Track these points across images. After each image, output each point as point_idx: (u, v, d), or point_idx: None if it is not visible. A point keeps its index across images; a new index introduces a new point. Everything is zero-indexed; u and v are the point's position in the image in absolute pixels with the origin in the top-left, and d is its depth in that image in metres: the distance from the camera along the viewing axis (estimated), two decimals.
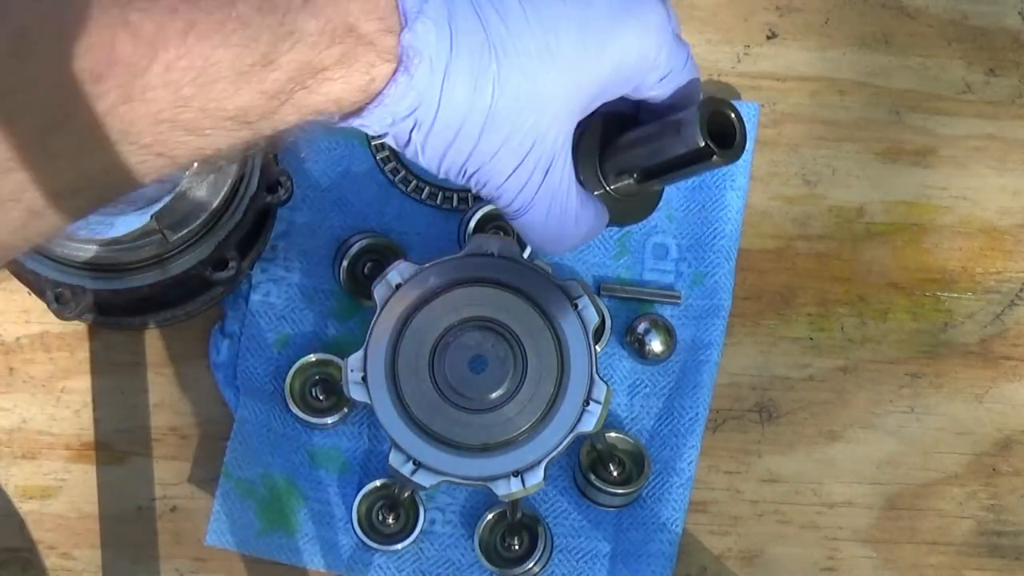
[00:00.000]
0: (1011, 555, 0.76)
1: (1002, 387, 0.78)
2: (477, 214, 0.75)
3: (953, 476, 0.77)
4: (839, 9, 0.82)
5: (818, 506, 0.76)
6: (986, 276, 0.79)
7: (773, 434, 0.77)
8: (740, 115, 0.55)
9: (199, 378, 0.75)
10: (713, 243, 0.77)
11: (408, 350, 0.68)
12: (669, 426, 0.75)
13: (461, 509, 0.74)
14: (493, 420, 0.68)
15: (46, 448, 0.74)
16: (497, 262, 0.69)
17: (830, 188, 0.80)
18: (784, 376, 0.77)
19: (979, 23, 0.82)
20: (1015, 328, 0.79)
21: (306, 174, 0.77)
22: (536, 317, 0.69)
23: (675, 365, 0.76)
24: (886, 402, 0.78)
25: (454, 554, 0.74)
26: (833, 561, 0.76)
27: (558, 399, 0.68)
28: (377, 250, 0.75)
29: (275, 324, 0.75)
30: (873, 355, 0.78)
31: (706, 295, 0.77)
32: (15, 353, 0.75)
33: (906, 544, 0.76)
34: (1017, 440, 0.78)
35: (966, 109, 0.81)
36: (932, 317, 0.79)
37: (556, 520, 0.74)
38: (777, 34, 0.81)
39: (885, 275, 0.79)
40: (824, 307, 0.78)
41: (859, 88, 0.81)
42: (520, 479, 0.67)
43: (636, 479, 0.73)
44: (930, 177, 0.80)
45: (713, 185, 0.78)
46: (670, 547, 0.74)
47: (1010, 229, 0.80)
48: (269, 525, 0.73)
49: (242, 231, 0.71)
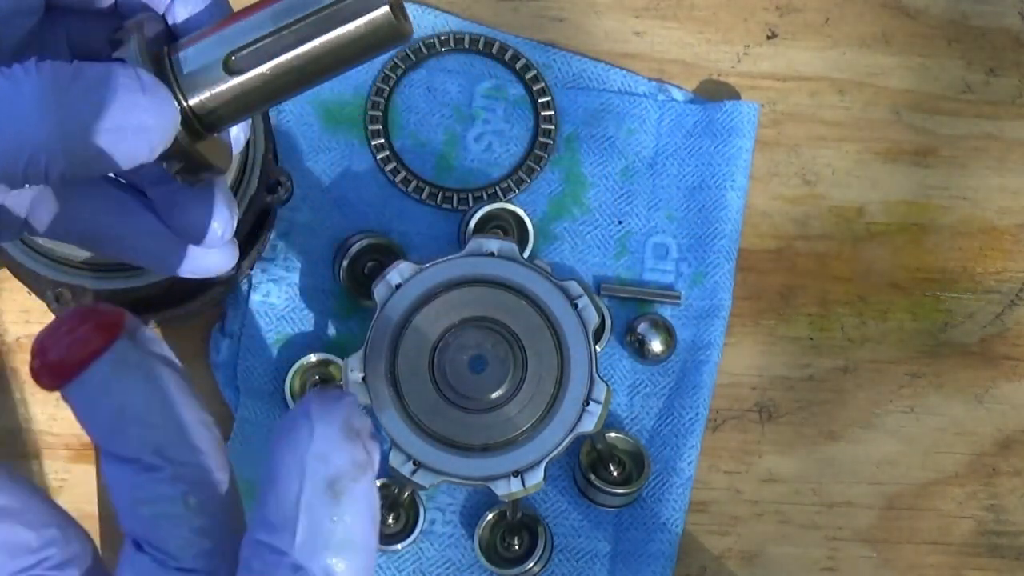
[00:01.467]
0: (1011, 555, 0.76)
1: (1002, 387, 0.78)
2: (477, 214, 0.75)
3: (953, 476, 0.77)
4: (839, 9, 0.82)
5: (818, 506, 0.76)
6: (986, 276, 0.79)
7: (773, 434, 0.77)
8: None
9: (199, 378, 0.75)
10: (713, 243, 0.77)
11: (408, 350, 0.69)
12: (669, 426, 0.75)
13: (461, 509, 0.74)
14: (493, 420, 0.68)
15: (46, 448, 0.74)
16: (497, 262, 0.69)
17: (830, 188, 0.80)
18: (784, 376, 0.77)
19: (979, 23, 0.82)
20: (1015, 328, 0.79)
21: (306, 174, 0.77)
22: (536, 317, 0.69)
23: (675, 365, 0.76)
24: (886, 402, 0.78)
25: (454, 554, 0.74)
26: (833, 561, 0.76)
27: (558, 399, 0.68)
28: (377, 250, 0.75)
29: (275, 324, 0.75)
30: (873, 355, 0.78)
31: (706, 295, 0.77)
32: (15, 353, 0.75)
33: (906, 544, 0.76)
34: (1017, 440, 0.78)
35: (966, 109, 0.81)
36: (932, 317, 0.79)
37: (556, 520, 0.74)
38: (777, 34, 0.81)
39: (885, 275, 0.79)
40: (824, 307, 0.78)
41: (859, 88, 0.81)
42: (520, 479, 0.67)
43: (636, 479, 0.73)
44: (930, 177, 0.80)
45: (713, 185, 0.78)
46: (670, 547, 0.74)
47: (1010, 229, 0.80)
48: None
49: (242, 231, 0.71)
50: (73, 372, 0.39)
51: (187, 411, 0.41)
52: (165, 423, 0.40)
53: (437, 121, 0.78)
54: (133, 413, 0.40)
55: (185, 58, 0.44)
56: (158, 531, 0.40)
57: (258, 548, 0.40)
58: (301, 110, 0.77)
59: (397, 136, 0.78)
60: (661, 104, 0.79)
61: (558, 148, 0.78)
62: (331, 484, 0.39)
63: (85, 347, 0.39)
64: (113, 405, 0.40)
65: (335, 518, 0.39)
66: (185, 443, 0.40)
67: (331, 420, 0.40)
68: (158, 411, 0.40)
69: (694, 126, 0.79)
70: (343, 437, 0.40)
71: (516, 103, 0.79)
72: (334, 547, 0.39)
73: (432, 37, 0.79)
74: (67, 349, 0.39)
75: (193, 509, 0.41)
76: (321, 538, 0.39)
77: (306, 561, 0.39)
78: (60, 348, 0.39)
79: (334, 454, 0.39)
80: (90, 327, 0.39)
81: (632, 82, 0.79)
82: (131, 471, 0.40)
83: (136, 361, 0.40)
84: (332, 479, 0.39)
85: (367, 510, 0.40)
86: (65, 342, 0.39)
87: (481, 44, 0.79)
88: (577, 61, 0.79)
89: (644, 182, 0.78)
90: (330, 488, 0.39)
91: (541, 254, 0.77)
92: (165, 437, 0.40)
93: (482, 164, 0.78)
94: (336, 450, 0.39)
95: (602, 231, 0.78)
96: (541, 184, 0.78)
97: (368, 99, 0.78)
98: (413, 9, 0.79)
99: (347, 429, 0.40)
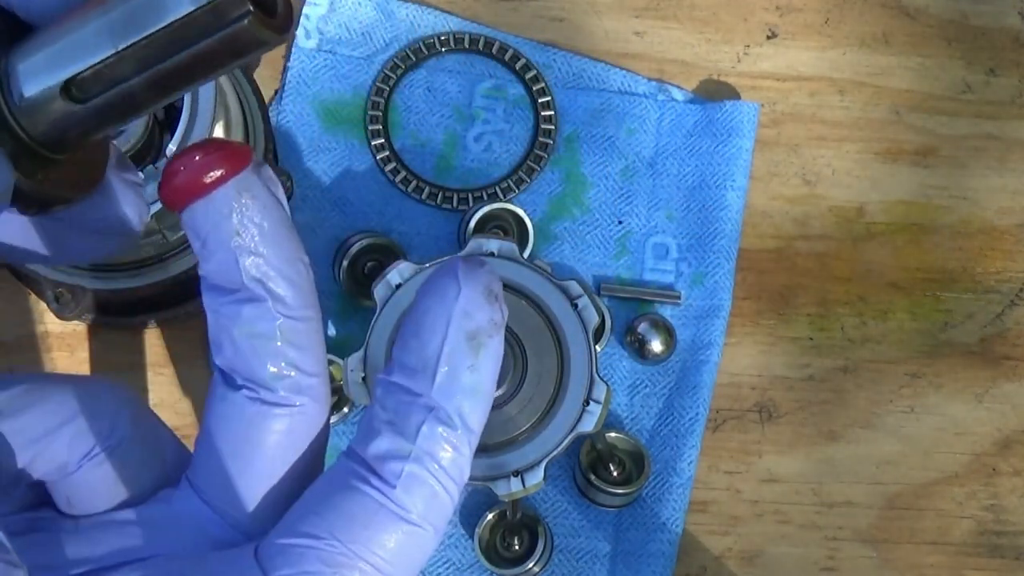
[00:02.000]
0: (1011, 555, 0.76)
1: (1002, 387, 0.78)
2: (477, 214, 0.75)
3: (953, 476, 0.77)
4: (839, 9, 0.82)
5: (818, 506, 0.76)
6: (986, 276, 0.79)
7: (773, 434, 0.77)
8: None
9: (199, 378, 0.75)
10: (713, 243, 0.77)
11: None
12: (669, 426, 0.75)
13: (461, 509, 0.74)
14: (493, 420, 0.68)
15: None
16: (497, 262, 0.69)
17: (830, 188, 0.80)
18: (784, 376, 0.77)
19: (979, 23, 0.82)
20: (1015, 328, 0.79)
21: (306, 174, 0.77)
22: (536, 317, 0.69)
23: (675, 365, 0.76)
24: (886, 402, 0.78)
25: (454, 554, 0.74)
26: (833, 561, 0.76)
27: (558, 399, 0.68)
28: (377, 250, 0.75)
29: None
30: (873, 355, 0.78)
31: (706, 295, 0.77)
32: (15, 353, 0.75)
33: (906, 544, 0.76)
34: (1017, 440, 0.78)
35: (966, 109, 0.81)
36: (932, 317, 0.79)
37: (556, 520, 0.74)
38: (777, 34, 0.81)
39: (885, 275, 0.79)
40: (824, 307, 0.78)
41: (859, 88, 0.81)
42: (520, 479, 0.67)
43: (636, 479, 0.73)
44: (930, 177, 0.80)
45: (713, 185, 0.78)
46: (670, 547, 0.74)
47: (1010, 229, 0.80)
48: None
49: None
50: (200, 192, 0.43)
51: (291, 247, 0.44)
52: (271, 256, 0.44)
53: (437, 121, 0.78)
54: (247, 241, 0.43)
55: (18, 74, 0.37)
56: (253, 360, 0.44)
57: (392, 388, 0.44)
58: (301, 110, 0.77)
59: (397, 136, 0.78)
60: (661, 104, 0.79)
61: (558, 148, 0.78)
62: (472, 337, 0.43)
63: (213, 171, 0.42)
64: (230, 230, 0.43)
65: (471, 366, 0.43)
66: (286, 277, 0.44)
67: (476, 282, 0.44)
68: (269, 242, 0.43)
69: (694, 126, 0.79)
70: (484, 298, 0.44)
71: (516, 103, 0.79)
72: (466, 392, 0.43)
73: (432, 37, 0.79)
74: (197, 171, 0.42)
75: (288, 341, 0.44)
76: (457, 383, 0.43)
77: (443, 401, 0.43)
78: (191, 171, 0.42)
79: (477, 312, 0.44)
80: (221, 155, 0.43)
81: (632, 82, 0.79)
82: (233, 300, 0.44)
83: (257, 193, 0.43)
84: (473, 333, 0.43)
85: (496, 364, 0.44)
86: (196, 166, 0.42)
87: (481, 44, 0.79)
88: (577, 61, 0.79)
89: (644, 182, 0.78)
90: (471, 340, 0.43)
91: (541, 254, 0.77)
92: (270, 269, 0.44)
93: (482, 164, 0.78)
94: (479, 309, 0.44)
95: (602, 231, 0.78)
96: (541, 184, 0.78)
97: (368, 99, 0.78)
98: (413, 9, 0.79)
99: (488, 292, 0.44)
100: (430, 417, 0.43)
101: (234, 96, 0.70)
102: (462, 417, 0.43)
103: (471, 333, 0.43)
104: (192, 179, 0.43)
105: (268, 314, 0.44)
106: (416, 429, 0.43)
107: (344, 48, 0.79)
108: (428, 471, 0.43)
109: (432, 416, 0.43)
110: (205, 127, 0.65)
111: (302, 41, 0.78)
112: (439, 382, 0.43)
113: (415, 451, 0.43)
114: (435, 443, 0.43)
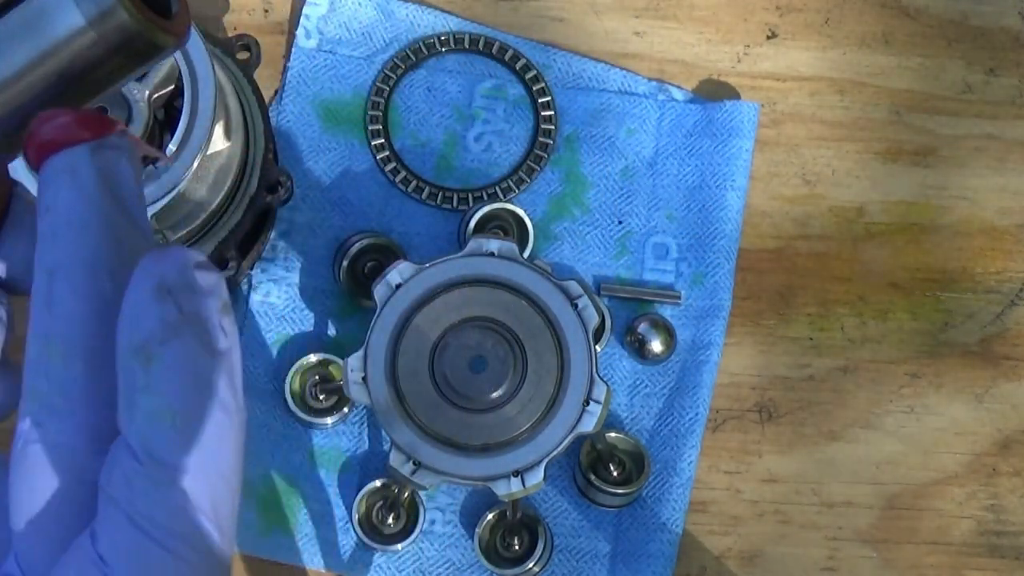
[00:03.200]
0: (1011, 555, 0.76)
1: (1002, 387, 0.78)
2: (477, 214, 0.75)
3: (953, 476, 0.77)
4: (839, 9, 0.82)
5: (818, 506, 0.76)
6: (986, 276, 0.79)
7: (773, 434, 0.77)
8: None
9: None
10: (713, 243, 0.77)
11: (408, 350, 0.69)
12: (669, 426, 0.75)
13: (461, 509, 0.74)
14: (493, 420, 0.68)
15: None
16: (497, 262, 0.69)
17: (830, 188, 0.80)
18: (784, 376, 0.77)
19: (979, 23, 0.82)
20: (1015, 328, 0.79)
21: (306, 174, 0.77)
22: (536, 317, 0.69)
23: (675, 365, 0.76)
24: (886, 402, 0.78)
25: (454, 554, 0.74)
26: (833, 561, 0.76)
27: (558, 399, 0.68)
28: (377, 250, 0.75)
29: (275, 324, 0.75)
30: (873, 355, 0.78)
31: (706, 295, 0.77)
32: (15, 353, 0.75)
33: (906, 544, 0.76)
34: (1017, 440, 0.78)
35: (966, 109, 0.81)
36: (932, 317, 0.79)
37: (556, 520, 0.74)
38: (777, 34, 0.81)
39: (885, 275, 0.79)
40: (824, 307, 0.78)
41: (859, 88, 0.81)
42: (520, 479, 0.67)
43: (636, 479, 0.73)
44: (930, 177, 0.80)
45: (713, 185, 0.78)
46: (670, 547, 0.74)
47: (1010, 229, 0.80)
48: (269, 525, 0.73)
49: (242, 231, 0.71)
50: (54, 148, 0.40)
51: (131, 230, 0.40)
52: (102, 237, 0.39)
53: (437, 121, 0.78)
54: (81, 214, 0.39)
55: None
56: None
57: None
58: (301, 110, 0.77)
59: (397, 136, 0.78)
60: (661, 104, 0.79)
61: (558, 148, 0.78)
62: (140, 349, 0.38)
63: (70, 134, 0.40)
64: (70, 199, 0.39)
65: (144, 387, 0.38)
66: (117, 260, 0.40)
67: (142, 279, 0.39)
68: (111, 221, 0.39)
69: (694, 126, 0.79)
70: (152, 297, 0.38)
71: (516, 103, 0.79)
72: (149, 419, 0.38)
73: (432, 37, 0.79)
74: (54, 132, 0.40)
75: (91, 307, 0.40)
76: (136, 410, 0.38)
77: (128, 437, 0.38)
78: (49, 130, 0.40)
79: (144, 317, 0.38)
80: (78, 120, 0.40)
81: (632, 82, 0.79)
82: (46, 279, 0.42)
83: (110, 166, 0.40)
84: (141, 345, 0.38)
85: (183, 372, 0.38)
86: (54, 126, 0.40)
87: (481, 44, 0.79)
88: (577, 61, 0.79)
89: (644, 182, 0.78)
90: (139, 354, 0.38)
91: (541, 254, 0.77)
92: (100, 251, 0.40)
93: (482, 164, 0.78)
94: (144, 312, 0.38)
95: (602, 231, 0.78)
96: (541, 184, 0.78)
97: (368, 99, 0.78)
98: (413, 9, 0.79)
99: (157, 288, 0.38)
100: (109, 461, 0.37)
101: (234, 96, 0.70)
102: (149, 450, 0.37)
103: (138, 346, 0.37)
104: (50, 138, 0.40)
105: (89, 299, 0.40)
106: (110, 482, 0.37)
107: (344, 48, 0.79)
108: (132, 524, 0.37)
109: (114, 458, 0.37)
110: (205, 127, 0.65)
111: (302, 41, 0.78)
112: (120, 415, 0.37)
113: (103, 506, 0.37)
114: (126, 489, 0.37)
